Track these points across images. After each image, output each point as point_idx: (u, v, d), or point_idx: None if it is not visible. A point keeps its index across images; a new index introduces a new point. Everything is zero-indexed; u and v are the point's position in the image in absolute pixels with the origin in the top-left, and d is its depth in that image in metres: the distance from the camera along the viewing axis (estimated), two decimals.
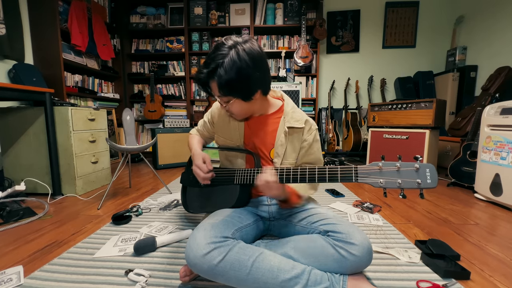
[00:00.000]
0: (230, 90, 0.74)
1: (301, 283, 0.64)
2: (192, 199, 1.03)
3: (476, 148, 1.70)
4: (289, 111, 0.89)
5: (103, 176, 1.94)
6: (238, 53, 0.70)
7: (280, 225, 0.91)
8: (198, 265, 0.63)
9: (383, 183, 0.59)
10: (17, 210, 1.28)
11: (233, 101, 0.77)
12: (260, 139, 0.89)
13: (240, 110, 0.82)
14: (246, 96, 0.77)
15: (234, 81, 0.71)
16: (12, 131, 1.66)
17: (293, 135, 0.88)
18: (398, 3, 3.08)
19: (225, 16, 3.08)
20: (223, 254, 0.64)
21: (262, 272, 0.64)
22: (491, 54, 2.53)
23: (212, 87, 0.76)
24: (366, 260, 0.68)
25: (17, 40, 1.95)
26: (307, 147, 0.90)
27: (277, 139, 0.87)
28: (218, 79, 0.71)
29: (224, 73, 0.70)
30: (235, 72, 0.70)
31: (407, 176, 0.56)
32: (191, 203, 1.02)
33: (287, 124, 0.87)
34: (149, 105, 3.01)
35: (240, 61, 0.70)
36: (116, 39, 3.04)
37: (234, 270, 0.63)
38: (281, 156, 0.88)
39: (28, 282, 0.77)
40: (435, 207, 1.45)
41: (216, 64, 0.71)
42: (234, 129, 0.92)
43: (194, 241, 0.66)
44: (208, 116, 1.02)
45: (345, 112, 3.10)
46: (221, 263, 0.63)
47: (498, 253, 0.95)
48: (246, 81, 0.73)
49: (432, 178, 0.54)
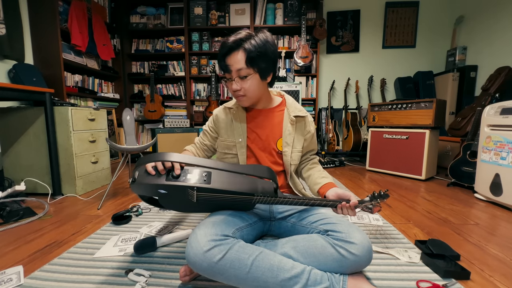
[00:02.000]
0: (256, 62, 0.80)
1: (301, 282, 0.64)
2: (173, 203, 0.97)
3: (476, 148, 1.70)
4: (291, 103, 0.97)
5: (103, 176, 1.94)
6: (265, 34, 0.82)
7: (280, 225, 0.91)
8: (198, 263, 0.63)
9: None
10: (17, 210, 1.28)
11: (251, 75, 0.82)
12: (266, 131, 0.93)
13: (254, 88, 0.85)
14: (264, 73, 0.84)
15: (262, 53, 0.80)
16: (12, 131, 1.66)
17: (298, 124, 0.95)
18: (398, 3, 3.08)
19: (225, 16, 3.08)
20: (223, 252, 0.64)
21: (262, 271, 0.64)
22: (491, 54, 2.53)
23: (235, 58, 0.80)
24: (366, 259, 0.68)
25: (17, 40, 1.95)
26: (310, 138, 0.99)
27: (284, 128, 0.93)
28: (248, 48, 0.78)
29: (256, 44, 0.79)
30: (265, 46, 0.80)
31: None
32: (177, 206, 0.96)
33: (292, 114, 0.94)
34: (149, 105, 3.01)
35: (270, 42, 0.82)
36: (116, 39, 3.04)
37: (234, 268, 0.63)
38: (290, 145, 0.93)
39: (28, 282, 0.77)
40: (435, 207, 1.45)
41: (247, 37, 0.80)
42: (237, 126, 0.94)
43: (195, 239, 0.66)
44: (208, 124, 1.03)
45: (345, 112, 3.10)
46: (221, 261, 0.63)
47: (498, 253, 0.95)
48: (270, 57, 0.83)
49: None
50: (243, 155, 0.93)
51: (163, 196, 0.73)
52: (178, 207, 0.82)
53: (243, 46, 0.79)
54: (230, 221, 0.76)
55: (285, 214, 0.91)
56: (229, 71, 0.83)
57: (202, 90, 3.26)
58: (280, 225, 0.92)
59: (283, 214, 0.91)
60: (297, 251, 0.73)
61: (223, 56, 0.82)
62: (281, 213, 0.92)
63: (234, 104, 0.97)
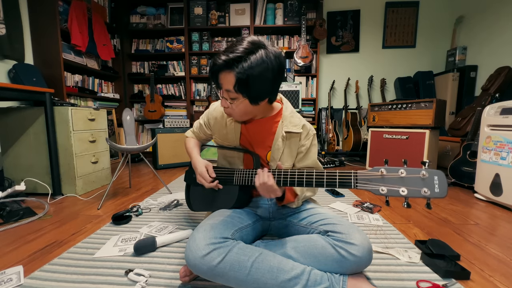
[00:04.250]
0: (245, 88, 0.69)
1: (301, 283, 0.64)
2: (196, 198, 1.02)
3: (476, 148, 1.70)
4: (288, 115, 0.86)
5: (103, 176, 1.94)
6: (268, 55, 0.68)
7: (280, 225, 0.91)
8: (198, 266, 0.64)
9: (384, 191, 0.54)
10: (17, 210, 1.29)
11: (240, 100, 0.73)
12: (257, 141, 0.87)
13: (244, 111, 0.78)
14: (255, 99, 0.74)
15: (254, 79, 0.68)
16: (12, 131, 1.66)
17: (290, 140, 0.86)
18: (398, 3, 3.08)
19: (225, 16, 3.08)
20: (222, 255, 0.64)
21: (262, 273, 0.64)
22: (491, 54, 2.53)
23: (225, 78, 0.71)
24: (366, 260, 0.68)
25: (17, 40, 1.95)
26: (305, 152, 0.88)
27: (275, 142, 0.85)
28: (238, 71, 0.67)
29: (248, 68, 0.66)
30: (260, 71, 0.68)
31: (412, 184, 0.51)
32: (194, 201, 1.02)
33: (285, 129, 0.84)
34: (149, 105, 3.01)
35: (268, 63, 0.68)
36: (116, 39, 3.04)
37: (234, 271, 0.63)
38: (276, 160, 0.85)
39: (28, 282, 0.77)
40: (435, 207, 1.45)
41: (241, 57, 0.67)
42: (230, 131, 0.89)
43: (194, 242, 0.66)
44: (204, 119, 1.00)
45: (345, 112, 3.10)
46: (221, 264, 0.63)
47: (498, 253, 0.95)
48: (264, 83, 0.71)
49: (441, 187, 0.49)
50: (240, 157, 0.92)
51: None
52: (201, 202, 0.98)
53: (234, 69, 0.68)
54: (229, 223, 0.76)
55: (284, 214, 0.91)
56: (219, 88, 0.75)
57: (202, 90, 3.26)
58: (279, 225, 0.91)
59: (282, 214, 0.91)
60: (297, 252, 0.73)
61: (213, 73, 0.73)
62: (280, 213, 0.91)
63: None
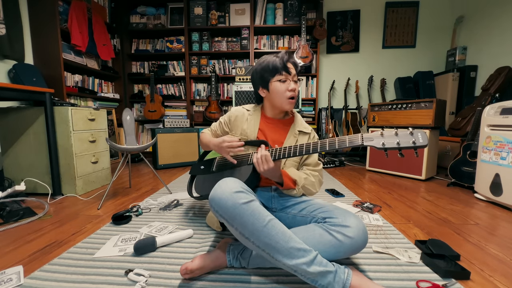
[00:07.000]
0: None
1: (308, 257, 0.67)
2: (200, 183, 1.14)
3: (476, 148, 1.70)
4: (299, 121, 1.07)
5: (103, 176, 1.94)
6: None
7: (281, 217, 0.94)
8: (224, 200, 0.69)
9: (384, 144, 0.69)
10: (17, 210, 1.29)
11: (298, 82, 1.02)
12: (272, 136, 1.02)
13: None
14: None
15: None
16: (12, 131, 1.66)
17: (301, 137, 1.03)
18: (398, 3, 3.08)
19: (225, 16, 3.08)
20: (248, 199, 0.70)
21: (276, 231, 0.68)
22: (491, 54, 2.53)
23: (293, 68, 0.98)
24: (361, 241, 0.72)
25: (17, 40, 1.95)
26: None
27: (287, 139, 1.01)
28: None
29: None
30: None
31: (403, 138, 0.68)
32: (198, 187, 1.13)
33: (297, 128, 1.03)
34: (149, 105, 3.01)
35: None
36: (116, 39, 3.04)
37: (254, 217, 0.68)
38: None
39: (28, 282, 0.77)
40: (435, 207, 1.45)
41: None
42: (250, 126, 1.05)
43: (225, 183, 0.72)
44: (224, 118, 1.14)
45: (345, 112, 3.10)
46: (245, 206, 0.68)
47: (498, 253, 0.95)
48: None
49: (423, 139, 0.66)
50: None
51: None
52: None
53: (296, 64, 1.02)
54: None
55: (285, 206, 0.95)
56: (289, 73, 0.97)
57: (202, 90, 3.26)
58: (280, 217, 0.94)
59: (283, 206, 0.96)
60: None
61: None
62: (281, 204, 0.96)
63: (252, 107, 1.10)
